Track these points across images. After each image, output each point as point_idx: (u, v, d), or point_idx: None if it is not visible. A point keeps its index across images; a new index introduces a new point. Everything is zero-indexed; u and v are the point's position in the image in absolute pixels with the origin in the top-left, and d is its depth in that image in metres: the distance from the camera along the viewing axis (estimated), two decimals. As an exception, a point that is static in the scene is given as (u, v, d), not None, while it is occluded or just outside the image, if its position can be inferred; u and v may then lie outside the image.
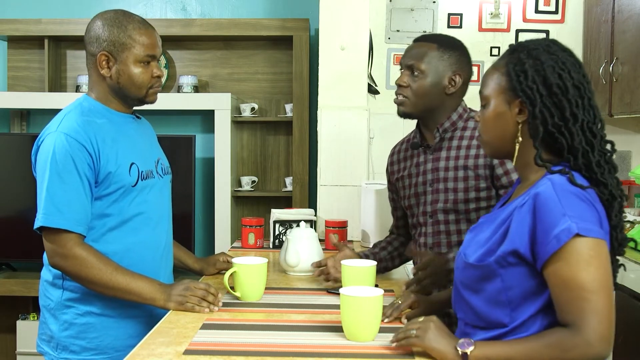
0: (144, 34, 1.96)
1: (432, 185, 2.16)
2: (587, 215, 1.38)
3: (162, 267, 2.09)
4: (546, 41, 1.52)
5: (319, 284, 2.19)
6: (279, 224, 2.97)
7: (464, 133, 2.15)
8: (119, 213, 1.95)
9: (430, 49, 2.12)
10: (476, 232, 1.57)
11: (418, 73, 2.11)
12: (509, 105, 1.49)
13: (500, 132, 1.52)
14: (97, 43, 1.94)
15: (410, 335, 1.46)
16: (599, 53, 3.49)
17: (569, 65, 1.46)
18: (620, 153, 3.71)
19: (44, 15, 4.10)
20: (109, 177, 1.91)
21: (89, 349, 1.94)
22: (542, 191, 1.40)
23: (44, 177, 1.85)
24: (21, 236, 3.92)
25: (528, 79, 1.45)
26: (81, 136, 1.87)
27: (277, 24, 3.94)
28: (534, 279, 1.42)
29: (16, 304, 4.05)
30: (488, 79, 1.55)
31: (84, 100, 2.00)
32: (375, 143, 3.54)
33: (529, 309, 1.43)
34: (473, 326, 1.53)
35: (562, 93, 1.44)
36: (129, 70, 1.94)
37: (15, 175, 3.99)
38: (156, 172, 2.08)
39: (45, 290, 1.99)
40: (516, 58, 1.49)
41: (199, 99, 3.91)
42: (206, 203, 4.11)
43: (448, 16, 3.69)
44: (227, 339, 1.62)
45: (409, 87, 2.12)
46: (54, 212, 1.82)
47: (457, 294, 1.59)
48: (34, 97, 3.96)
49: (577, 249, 1.35)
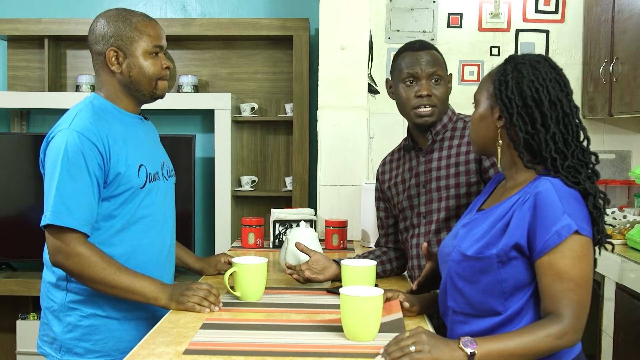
0: (149, 26, 1.98)
1: (425, 187, 2.18)
2: (582, 215, 1.53)
3: (166, 269, 2.09)
4: (537, 57, 1.65)
5: (319, 284, 2.18)
6: (279, 223, 2.97)
7: (454, 133, 2.19)
8: (126, 215, 1.94)
9: (438, 55, 2.17)
10: (471, 227, 1.67)
11: (439, 79, 2.14)
12: (491, 110, 1.66)
13: (483, 133, 1.68)
14: (104, 40, 1.94)
15: (410, 351, 1.43)
16: (599, 53, 3.49)
17: (549, 82, 1.59)
18: (620, 153, 3.71)
19: (44, 15, 4.10)
20: (118, 178, 1.90)
21: (93, 351, 1.93)
22: (543, 190, 1.53)
23: (53, 174, 1.84)
24: (21, 236, 3.92)
25: (508, 90, 1.61)
26: (93, 135, 1.86)
27: (277, 23, 3.94)
28: (528, 271, 1.55)
29: (16, 304, 4.05)
30: (482, 84, 1.72)
31: (94, 99, 1.99)
32: (375, 143, 3.54)
33: (521, 299, 1.56)
34: (465, 314, 1.64)
35: (536, 106, 1.58)
36: (140, 62, 1.95)
37: (15, 175, 3.99)
38: (162, 175, 2.08)
39: (48, 292, 1.97)
40: (504, 69, 1.64)
41: (199, 99, 3.91)
42: (206, 203, 4.11)
43: (448, 16, 3.69)
44: (227, 338, 1.61)
45: (433, 96, 2.13)
46: (63, 211, 1.81)
47: (451, 285, 1.67)
48: (33, 96, 3.96)
49: (573, 245, 1.49)
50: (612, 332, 2.86)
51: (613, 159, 3.68)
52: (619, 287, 2.80)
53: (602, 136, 3.69)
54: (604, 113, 3.42)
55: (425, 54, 2.15)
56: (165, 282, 1.98)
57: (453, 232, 1.75)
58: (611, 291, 2.86)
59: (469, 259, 1.60)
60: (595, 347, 2.96)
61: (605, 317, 2.92)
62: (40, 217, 1.86)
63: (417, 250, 2.20)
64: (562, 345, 1.47)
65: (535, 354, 1.46)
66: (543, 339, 1.45)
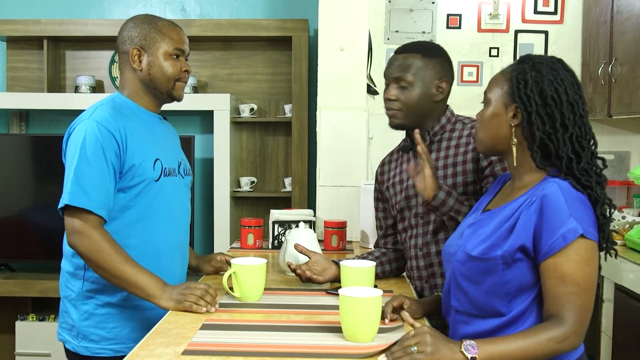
0: (172, 30, 2.10)
1: None
2: (589, 219, 1.52)
3: (178, 267, 2.15)
4: (552, 59, 1.64)
5: (318, 285, 2.18)
6: (278, 224, 2.97)
7: (452, 134, 2.18)
8: (141, 206, 2.01)
9: (415, 59, 2.14)
10: (476, 227, 1.66)
11: (406, 85, 2.13)
12: (505, 108, 1.63)
13: (494, 132, 1.66)
14: (130, 40, 2.07)
15: (412, 352, 1.44)
16: (597, 54, 3.49)
17: (567, 83, 1.59)
18: (619, 154, 3.71)
19: (43, 16, 4.10)
20: (133, 170, 1.98)
21: (107, 339, 2.00)
22: (550, 192, 1.52)
23: (73, 160, 1.93)
24: (20, 237, 3.92)
25: (527, 88, 1.59)
26: (112, 125, 1.95)
27: (276, 24, 3.94)
28: (532, 273, 1.54)
29: (15, 305, 4.05)
30: (493, 82, 1.69)
31: (116, 97, 2.10)
32: (374, 144, 3.54)
33: (524, 300, 1.55)
34: (468, 314, 1.64)
35: (556, 105, 1.57)
36: (159, 62, 2.06)
37: (14, 175, 3.99)
38: (178, 172, 2.17)
39: (67, 281, 2.05)
40: (521, 68, 1.62)
41: (198, 100, 3.91)
42: (205, 203, 4.11)
43: (447, 17, 3.69)
44: (226, 339, 1.61)
45: (398, 100, 2.14)
46: (79, 193, 1.88)
47: (455, 285, 1.67)
48: (32, 97, 3.96)
49: (579, 249, 1.48)
50: (611, 333, 2.86)
51: (612, 160, 3.68)
52: (618, 288, 2.80)
53: (601, 137, 3.69)
54: (603, 114, 3.43)
55: (401, 57, 2.16)
56: (176, 278, 2.07)
57: (458, 231, 1.75)
58: (610, 292, 2.86)
59: (474, 260, 1.60)
60: (595, 348, 2.96)
61: (605, 317, 2.92)
62: (39, 218, 1.89)
63: (415, 250, 2.20)
64: (563, 349, 1.47)
65: (537, 357, 1.45)
66: (544, 342, 1.44)
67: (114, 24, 3.90)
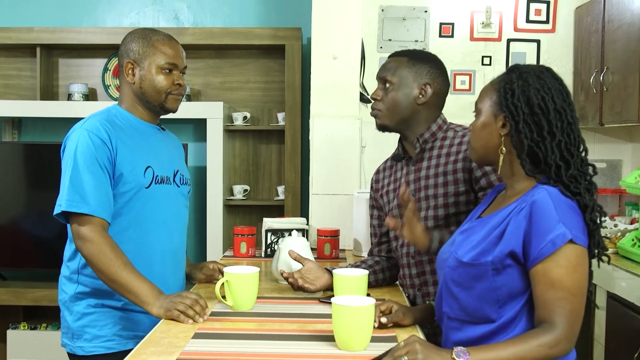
0: (166, 45, 2.14)
1: (414, 195, 2.18)
2: (578, 225, 1.53)
3: (170, 274, 2.17)
4: (540, 68, 1.66)
5: (311, 293, 2.18)
6: (271, 232, 2.96)
7: (443, 142, 2.19)
8: (131, 213, 2.05)
9: (401, 62, 2.19)
10: (468, 234, 1.68)
11: (389, 85, 2.18)
12: (495, 118, 1.65)
13: (485, 141, 1.67)
14: (125, 54, 2.13)
15: None
16: (589, 62, 3.51)
17: (554, 91, 1.60)
18: (611, 162, 3.73)
19: (36, 24, 4.10)
20: (122, 178, 2.02)
21: (99, 337, 2.05)
22: (539, 199, 1.53)
23: (68, 168, 1.99)
24: (12, 245, 3.90)
25: (514, 97, 1.61)
26: (102, 133, 2.01)
27: (269, 33, 3.95)
28: (522, 280, 1.55)
29: (7, 314, 4.03)
30: (483, 93, 1.71)
31: (112, 108, 2.17)
32: (367, 152, 3.55)
33: (515, 306, 1.56)
34: (460, 321, 1.65)
35: (543, 113, 1.59)
36: (151, 76, 2.11)
37: (6, 184, 3.97)
38: (173, 181, 2.20)
39: (62, 285, 2.11)
40: (509, 78, 1.64)
41: (191, 108, 3.90)
42: (198, 212, 4.10)
43: (440, 25, 3.71)
44: (218, 348, 1.61)
45: (381, 100, 2.19)
46: (76, 198, 1.94)
47: (446, 291, 1.68)
48: (25, 105, 3.96)
49: (568, 254, 1.49)
50: (603, 341, 2.87)
51: (604, 168, 3.70)
52: (610, 296, 2.81)
53: (593, 145, 3.71)
54: (594, 122, 3.44)
55: (389, 60, 2.23)
56: (170, 286, 2.09)
57: (451, 239, 1.76)
58: (602, 300, 2.87)
59: (465, 266, 1.61)
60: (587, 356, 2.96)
61: (597, 325, 2.92)
62: (31, 226, 1.92)
63: (407, 259, 2.20)
64: (555, 355, 1.47)
65: None
66: (535, 348, 1.45)
67: (107, 32, 3.91)
